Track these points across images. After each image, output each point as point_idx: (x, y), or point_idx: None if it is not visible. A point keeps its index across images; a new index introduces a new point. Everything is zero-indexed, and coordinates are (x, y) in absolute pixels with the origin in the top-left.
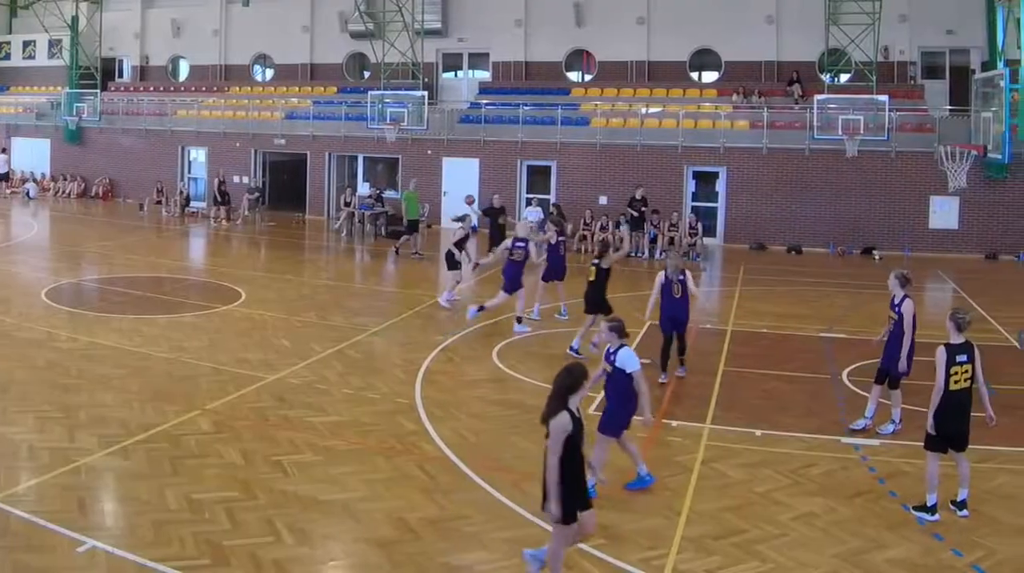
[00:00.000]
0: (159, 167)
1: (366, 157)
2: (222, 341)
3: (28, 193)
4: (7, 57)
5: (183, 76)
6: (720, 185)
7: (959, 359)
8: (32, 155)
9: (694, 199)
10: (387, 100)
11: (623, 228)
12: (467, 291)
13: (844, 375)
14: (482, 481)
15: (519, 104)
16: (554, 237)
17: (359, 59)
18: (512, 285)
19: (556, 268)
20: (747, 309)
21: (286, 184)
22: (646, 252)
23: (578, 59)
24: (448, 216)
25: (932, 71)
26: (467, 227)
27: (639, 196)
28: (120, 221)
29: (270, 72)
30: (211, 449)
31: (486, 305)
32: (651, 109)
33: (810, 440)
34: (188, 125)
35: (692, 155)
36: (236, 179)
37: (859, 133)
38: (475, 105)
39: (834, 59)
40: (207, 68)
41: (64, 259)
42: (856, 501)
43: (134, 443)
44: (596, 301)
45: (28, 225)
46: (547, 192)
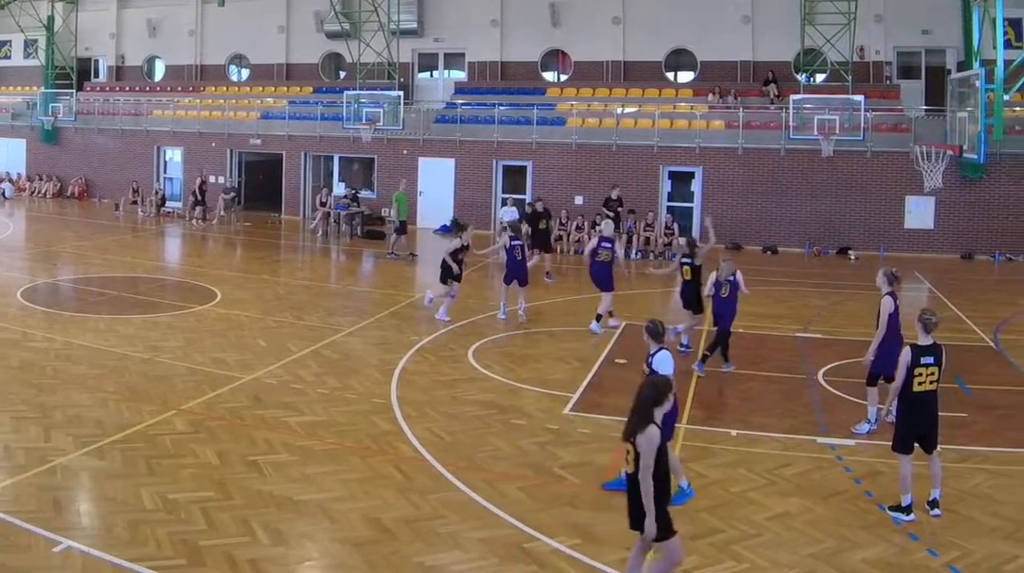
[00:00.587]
0: (135, 167)
1: (342, 157)
2: (198, 341)
3: (3, 193)
4: None
5: (159, 76)
6: (696, 185)
7: (924, 361)
8: (7, 155)
9: (670, 199)
10: (363, 100)
11: (599, 228)
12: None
13: (820, 375)
14: (457, 481)
15: (495, 104)
16: (508, 241)
17: (335, 59)
18: (606, 284)
19: (518, 271)
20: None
21: (262, 184)
22: (622, 252)
23: (554, 59)
24: (425, 217)
25: (908, 71)
26: (466, 238)
27: (615, 196)
28: (96, 221)
29: (246, 72)
30: (187, 449)
31: (601, 313)
32: (627, 109)
33: (786, 440)
34: (164, 125)
35: (668, 155)
36: (212, 179)
37: (835, 133)
38: (451, 105)
39: (810, 59)
40: (183, 68)
41: (40, 259)
42: (832, 501)
43: (110, 443)
44: (693, 299)
45: (3, 225)
46: (523, 192)
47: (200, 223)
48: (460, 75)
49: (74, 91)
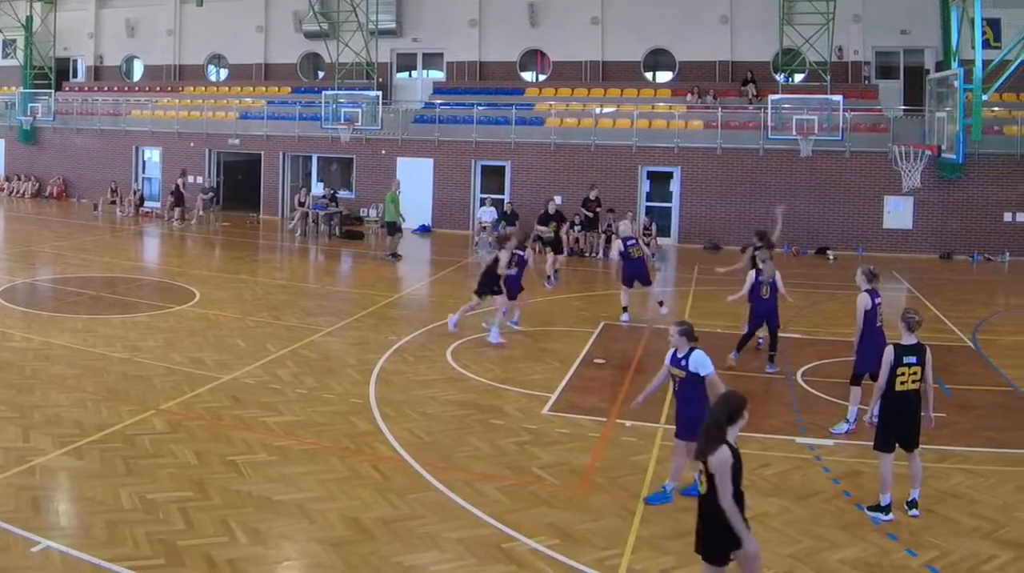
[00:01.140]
0: (113, 167)
1: (320, 157)
2: (176, 341)
3: None
4: None
5: (137, 76)
6: (674, 185)
7: (907, 360)
8: None
9: (648, 199)
10: (341, 100)
11: (576, 228)
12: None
13: (799, 375)
14: (436, 481)
15: (473, 104)
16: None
17: (313, 59)
18: (647, 279)
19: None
20: (701, 309)
21: (240, 184)
22: (600, 252)
23: (532, 59)
24: (404, 217)
25: (886, 71)
26: (511, 248)
27: (593, 196)
28: (74, 221)
29: (224, 72)
30: (165, 449)
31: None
32: (605, 109)
33: (764, 440)
34: (142, 125)
35: (646, 155)
36: (191, 179)
37: (813, 133)
38: (429, 105)
39: (788, 59)
40: (161, 68)
41: (18, 259)
42: (810, 501)
43: (88, 443)
44: None
45: None
46: (501, 192)
47: (179, 223)
48: (438, 75)
49: (52, 91)
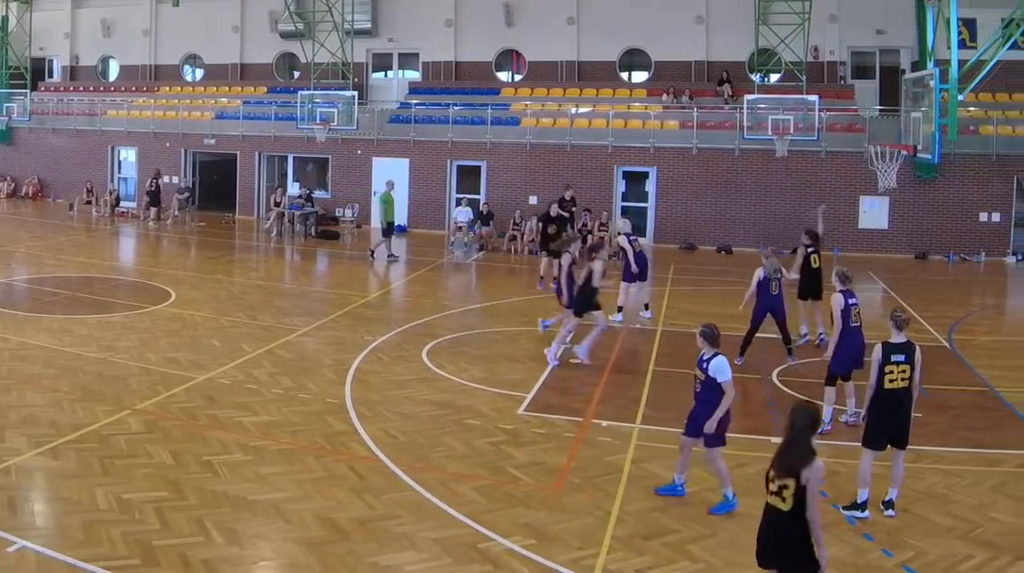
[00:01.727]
0: (89, 167)
1: (296, 157)
2: (152, 341)
3: None
4: None
5: (113, 76)
6: (650, 185)
7: (895, 358)
8: None
9: (624, 199)
10: (317, 100)
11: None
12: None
13: (774, 375)
14: (412, 481)
15: (449, 104)
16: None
17: (289, 59)
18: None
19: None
20: (677, 309)
21: (216, 184)
22: (576, 252)
23: (508, 59)
24: (378, 217)
25: (862, 71)
26: (574, 251)
27: (568, 197)
28: (50, 221)
29: (200, 72)
30: (141, 449)
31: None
32: (581, 109)
33: (741, 440)
34: (118, 125)
35: (622, 155)
36: (166, 179)
37: (789, 133)
38: (405, 105)
39: (764, 59)
40: (137, 68)
41: None
42: None
43: (64, 443)
44: (817, 287)
45: None
46: (477, 192)
47: (154, 223)
48: (414, 75)
49: (28, 91)
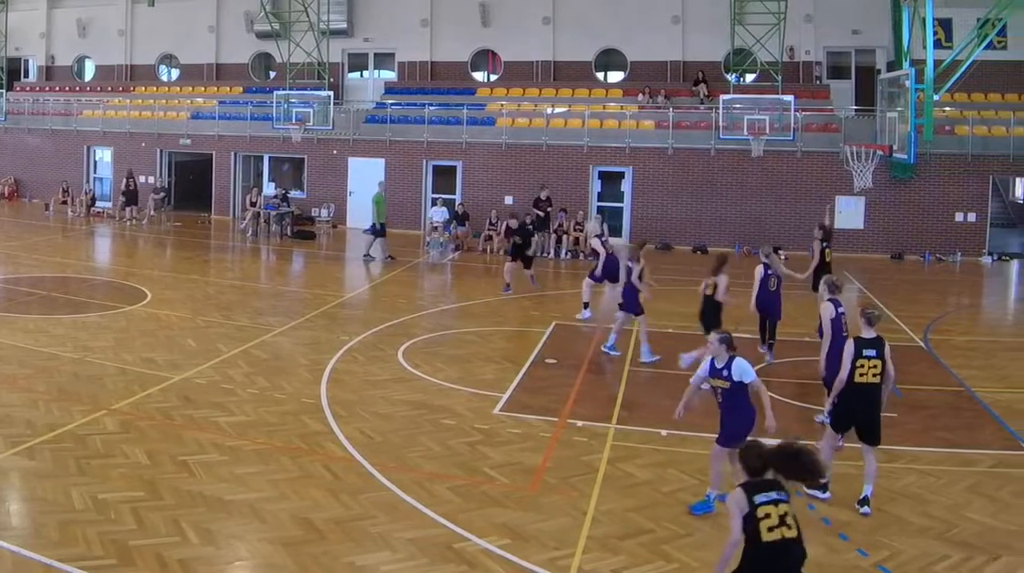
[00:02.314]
0: (65, 167)
1: (272, 157)
2: (128, 341)
3: None
4: None
5: (89, 76)
6: (626, 185)
7: (867, 353)
8: None
9: (600, 199)
10: (293, 100)
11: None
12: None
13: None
14: (387, 481)
15: (425, 104)
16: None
17: (265, 59)
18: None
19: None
20: (653, 309)
21: (192, 184)
22: (552, 252)
23: (484, 59)
24: (355, 217)
25: (838, 71)
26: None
27: (544, 196)
28: (25, 221)
29: (176, 72)
30: (117, 449)
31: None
32: (557, 109)
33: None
34: (94, 125)
35: (598, 155)
36: (142, 179)
37: (765, 133)
38: (381, 105)
39: (740, 59)
40: (113, 68)
41: None
42: None
43: (40, 443)
44: None
45: None
46: (453, 192)
47: (132, 222)
48: (390, 75)
49: (4, 91)
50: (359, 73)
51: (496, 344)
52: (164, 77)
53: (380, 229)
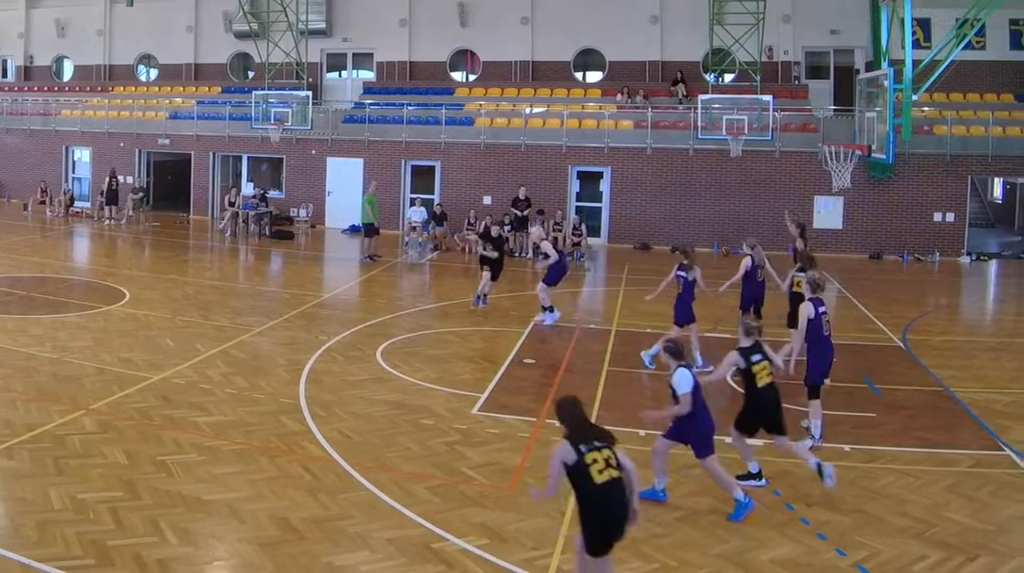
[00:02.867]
0: (43, 167)
1: (250, 157)
2: (106, 341)
3: None
4: None
5: (67, 76)
6: (604, 185)
7: (755, 358)
8: None
9: (578, 199)
10: (271, 100)
11: (506, 228)
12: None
13: (728, 376)
14: (366, 481)
15: (403, 104)
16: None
17: (243, 59)
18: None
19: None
20: (632, 309)
21: (170, 184)
22: (530, 252)
23: (462, 59)
24: (333, 217)
25: (816, 71)
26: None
27: (522, 196)
28: (3, 221)
29: (154, 72)
30: (95, 449)
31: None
32: (535, 109)
33: None
34: (72, 125)
35: (576, 155)
36: (121, 179)
37: (743, 133)
38: (359, 105)
39: (718, 59)
40: (91, 68)
41: None
42: None
43: (18, 443)
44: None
45: None
46: (431, 192)
47: (111, 222)
48: (369, 75)
49: None
50: (338, 73)
51: (475, 344)
52: (143, 77)
53: (371, 229)
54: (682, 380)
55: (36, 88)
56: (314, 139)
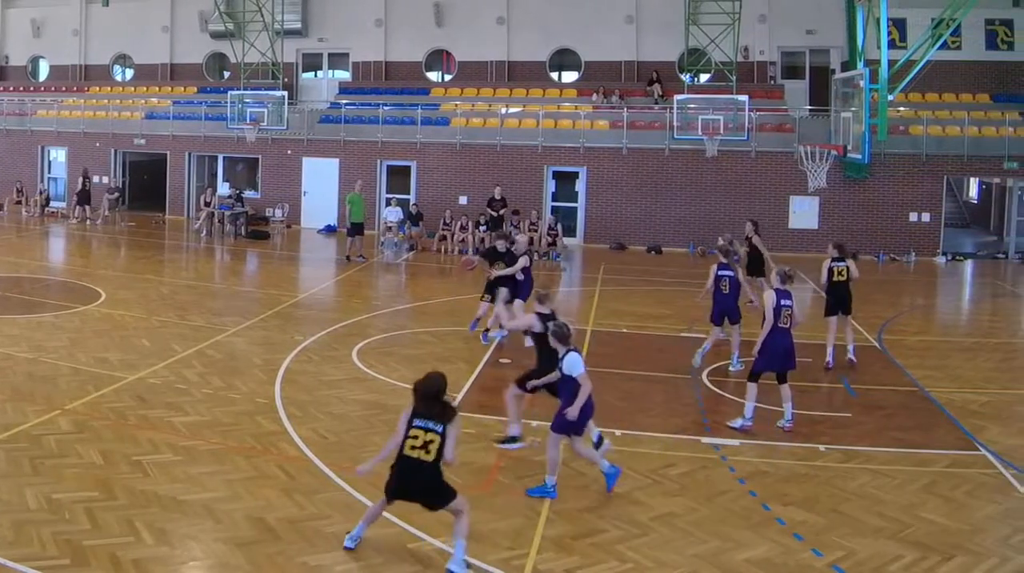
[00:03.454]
0: (19, 167)
1: (226, 157)
2: (82, 341)
3: None
4: None
5: (43, 76)
6: (580, 185)
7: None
8: None
9: (554, 199)
10: (247, 100)
11: (481, 228)
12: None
13: (704, 375)
14: (341, 481)
15: (379, 104)
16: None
17: (219, 59)
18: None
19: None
20: (607, 309)
21: (146, 184)
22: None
23: (438, 59)
24: (309, 217)
25: (792, 71)
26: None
27: (498, 196)
28: None
29: (130, 72)
30: (71, 449)
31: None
32: (511, 109)
33: (670, 440)
34: (48, 125)
35: (552, 155)
36: (96, 179)
37: (719, 133)
38: (335, 105)
39: (694, 59)
40: (67, 68)
41: None
42: (716, 501)
43: None
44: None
45: None
46: (407, 192)
47: (78, 222)
48: (344, 75)
49: None
50: (313, 73)
51: (451, 344)
52: (118, 77)
53: (356, 229)
54: (574, 363)
55: (11, 88)
56: (290, 139)
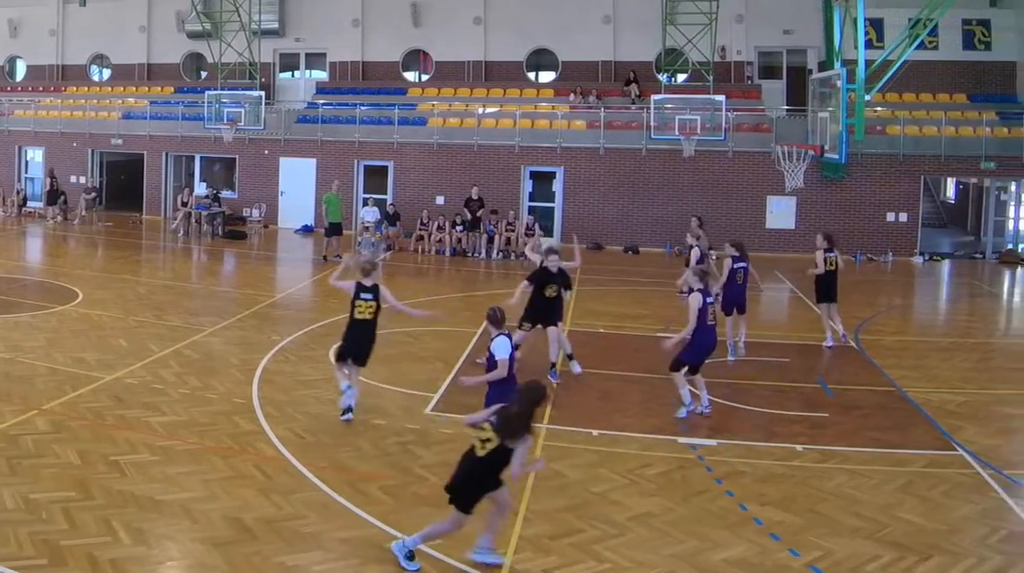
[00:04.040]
0: None
1: (203, 157)
2: (59, 341)
3: None
4: None
5: (20, 76)
6: (557, 185)
7: (364, 296)
8: None
9: (531, 199)
10: (224, 100)
11: (458, 228)
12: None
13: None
14: (319, 481)
15: (356, 104)
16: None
17: (196, 59)
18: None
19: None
20: (584, 309)
21: (123, 184)
22: (483, 252)
23: (415, 59)
24: (286, 217)
25: (769, 71)
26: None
27: (475, 196)
28: None
29: (107, 72)
30: (48, 449)
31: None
32: (488, 109)
33: (647, 440)
34: (25, 125)
35: (529, 155)
36: (73, 179)
37: (696, 133)
38: (312, 105)
39: (671, 59)
40: (44, 68)
41: None
42: (693, 501)
43: None
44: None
45: None
46: (384, 192)
47: (60, 222)
48: (322, 75)
49: None
50: (290, 73)
51: (427, 344)
52: (95, 77)
53: (333, 229)
54: (501, 346)
55: None
56: (267, 139)
